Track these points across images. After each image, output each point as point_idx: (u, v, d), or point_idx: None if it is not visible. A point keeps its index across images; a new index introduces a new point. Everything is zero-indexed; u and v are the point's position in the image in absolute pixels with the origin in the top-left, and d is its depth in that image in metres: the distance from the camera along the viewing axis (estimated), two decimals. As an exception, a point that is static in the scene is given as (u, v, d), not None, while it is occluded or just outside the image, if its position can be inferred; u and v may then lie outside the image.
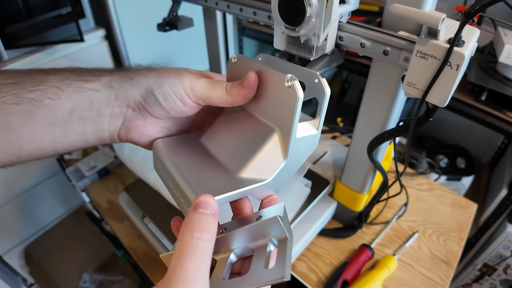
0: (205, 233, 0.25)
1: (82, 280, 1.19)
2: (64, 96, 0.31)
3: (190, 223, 0.26)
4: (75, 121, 0.32)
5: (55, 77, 0.32)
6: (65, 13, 0.94)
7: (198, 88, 0.34)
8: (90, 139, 0.34)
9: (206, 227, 0.26)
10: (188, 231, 0.25)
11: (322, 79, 0.33)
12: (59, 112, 0.31)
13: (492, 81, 1.15)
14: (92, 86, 0.32)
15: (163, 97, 0.34)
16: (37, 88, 0.30)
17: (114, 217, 0.84)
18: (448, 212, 0.79)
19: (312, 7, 0.37)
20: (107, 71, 0.34)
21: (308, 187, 0.67)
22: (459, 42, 0.34)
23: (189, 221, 0.26)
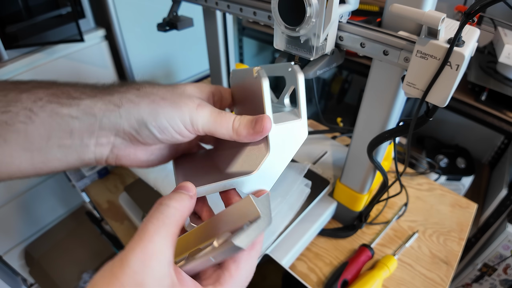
0: (173, 201, 0.27)
1: (82, 280, 1.19)
2: (39, 121, 0.28)
3: (166, 196, 0.27)
4: (54, 148, 0.29)
5: (28, 97, 0.28)
6: (65, 13, 0.94)
7: (200, 122, 0.31)
8: (75, 164, 0.31)
9: (176, 197, 0.27)
10: (159, 200, 0.27)
11: (294, 66, 0.33)
12: (35, 138, 0.28)
13: (492, 81, 1.15)
14: (70, 112, 0.28)
15: (159, 130, 0.30)
16: (8, 109, 0.27)
17: (114, 217, 0.84)
18: (448, 212, 0.79)
19: (312, 7, 0.37)
20: (87, 93, 0.30)
21: (308, 187, 0.67)
22: (459, 42, 0.34)
23: (165, 196, 0.27)
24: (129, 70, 1.25)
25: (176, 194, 0.28)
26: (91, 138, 0.30)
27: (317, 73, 0.45)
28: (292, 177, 0.68)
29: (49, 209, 1.32)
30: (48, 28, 0.94)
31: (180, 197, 0.28)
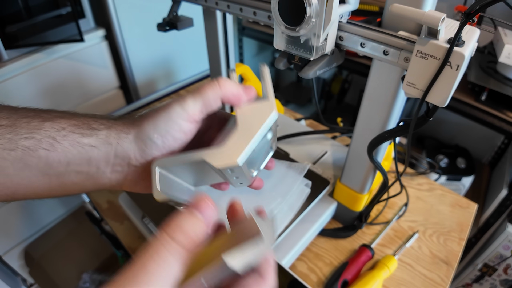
0: (184, 236, 0.24)
1: (82, 280, 1.19)
2: (61, 149, 0.30)
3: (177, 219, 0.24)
4: (72, 174, 0.31)
5: (51, 126, 0.30)
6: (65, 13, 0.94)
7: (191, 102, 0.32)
8: (90, 189, 0.33)
9: (189, 231, 0.24)
10: (167, 226, 0.24)
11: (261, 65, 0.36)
12: (55, 164, 0.30)
13: (492, 81, 1.15)
14: (90, 141, 0.31)
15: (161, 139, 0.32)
16: (32, 136, 0.29)
17: (114, 217, 0.84)
18: (448, 212, 0.79)
19: (312, 7, 0.37)
20: (105, 124, 0.33)
21: (308, 187, 0.67)
22: (459, 42, 0.34)
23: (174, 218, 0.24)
24: (129, 70, 1.25)
25: (188, 224, 0.25)
26: (107, 166, 0.32)
27: (317, 73, 0.45)
28: (292, 177, 0.68)
29: (49, 209, 1.32)
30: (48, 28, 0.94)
31: (193, 230, 0.24)
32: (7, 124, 0.28)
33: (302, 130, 0.88)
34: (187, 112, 0.32)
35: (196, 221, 0.25)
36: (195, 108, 0.32)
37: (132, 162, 0.32)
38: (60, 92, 1.10)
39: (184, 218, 0.24)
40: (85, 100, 1.20)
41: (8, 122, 0.29)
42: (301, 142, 0.85)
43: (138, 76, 1.30)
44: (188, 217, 0.25)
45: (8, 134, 0.28)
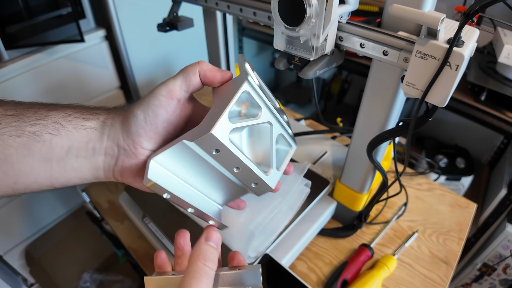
0: (212, 264, 0.31)
1: (83, 280, 1.19)
2: (64, 133, 0.32)
3: (203, 252, 0.31)
4: (71, 158, 0.33)
5: (58, 113, 0.32)
6: (66, 13, 0.94)
7: (172, 81, 0.35)
8: (87, 176, 0.35)
9: (214, 259, 0.32)
10: (202, 259, 0.31)
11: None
12: (57, 148, 0.31)
13: (492, 81, 1.15)
14: (92, 124, 0.33)
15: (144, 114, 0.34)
16: (38, 122, 0.31)
17: (115, 217, 0.84)
18: (447, 212, 0.79)
19: (312, 7, 0.38)
20: (105, 110, 0.35)
21: (308, 187, 0.67)
22: (459, 42, 0.34)
23: (202, 251, 0.32)
24: (129, 70, 1.25)
25: (212, 255, 0.32)
26: (101, 147, 0.34)
27: (317, 73, 0.45)
28: (292, 177, 0.68)
29: (49, 209, 1.32)
30: (48, 29, 0.94)
31: (215, 258, 0.32)
32: (14, 114, 0.30)
33: (302, 130, 0.88)
34: (167, 86, 0.34)
35: (214, 250, 0.32)
36: (175, 83, 0.35)
37: (120, 143, 0.34)
38: (60, 92, 1.10)
39: (208, 250, 0.32)
40: (85, 100, 1.20)
41: (15, 112, 0.30)
42: (301, 142, 0.85)
43: (139, 77, 1.30)
44: (210, 249, 0.32)
45: (15, 122, 0.30)
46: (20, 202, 1.18)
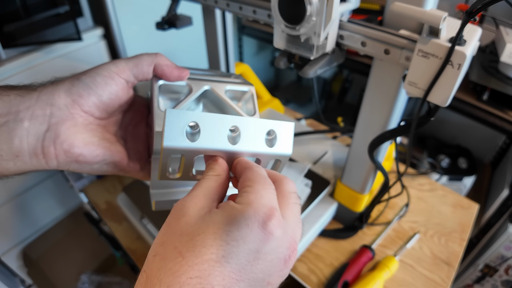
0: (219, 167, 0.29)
1: (81, 281, 1.19)
2: None
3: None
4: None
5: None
6: (63, 12, 0.94)
7: (123, 61, 0.34)
8: (3, 151, 0.29)
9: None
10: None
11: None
12: None
13: (494, 81, 1.15)
14: (18, 92, 0.30)
15: (91, 79, 0.32)
16: None
17: (113, 218, 0.84)
18: (449, 212, 0.79)
19: (313, 5, 0.37)
20: (46, 82, 0.33)
21: (308, 187, 0.67)
22: (461, 41, 0.34)
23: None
24: (128, 70, 1.24)
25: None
26: (27, 111, 0.29)
27: (318, 72, 0.44)
28: (292, 177, 0.67)
29: (47, 210, 1.32)
30: (46, 27, 0.93)
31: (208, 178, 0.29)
32: None
33: (303, 129, 0.88)
34: (117, 66, 0.33)
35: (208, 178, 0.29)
36: (125, 65, 0.34)
37: (55, 102, 0.31)
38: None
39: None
40: (84, 99, 1.19)
41: None
42: (301, 142, 0.85)
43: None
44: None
45: None
46: (17, 203, 1.18)
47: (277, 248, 0.24)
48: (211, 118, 0.29)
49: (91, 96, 0.32)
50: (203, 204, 0.25)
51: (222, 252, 0.22)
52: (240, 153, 0.30)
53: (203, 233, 0.22)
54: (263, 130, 0.30)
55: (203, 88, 0.37)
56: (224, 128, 0.29)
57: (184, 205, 0.25)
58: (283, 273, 0.25)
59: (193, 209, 0.24)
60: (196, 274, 0.21)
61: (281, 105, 1.04)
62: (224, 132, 0.29)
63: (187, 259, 0.21)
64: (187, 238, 0.22)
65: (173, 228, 0.24)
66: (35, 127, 0.30)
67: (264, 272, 0.23)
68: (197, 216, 0.24)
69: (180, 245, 0.22)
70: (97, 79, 0.32)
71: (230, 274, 0.22)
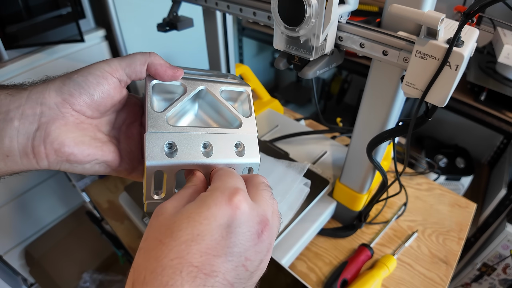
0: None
1: (82, 280, 1.19)
2: None
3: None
4: None
5: None
6: (65, 13, 0.94)
7: (116, 61, 0.33)
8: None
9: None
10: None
11: None
12: None
13: (492, 81, 1.15)
14: (8, 91, 0.29)
15: (83, 78, 0.31)
16: None
17: (114, 217, 0.84)
18: (447, 212, 0.79)
19: (312, 7, 0.38)
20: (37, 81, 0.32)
21: (308, 187, 0.67)
22: (458, 42, 0.34)
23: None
24: (129, 70, 1.25)
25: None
26: (17, 110, 0.29)
27: (317, 73, 0.45)
28: (292, 177, 0.68)
29: (49, 209, 1.32)
30: (48, 28, 0.94)
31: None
32: None
33: (302, 130, 0.88)
34: (110, 65, 0.33)
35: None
36: (118, 64, 0.33)
37: (45, 101, 0.30)
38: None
39: None
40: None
41: None
42: (301, 142, 0.85)
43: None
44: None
45: None
46: (20, 202, 1.18)
47: (246, 222, 0.26)
48: (185, 137, 0.33)
49: (82, 95, 0.31)
50: (178, 203, 0.28)
51: (197, 231, 0.24)
52: (214, 165, 0.33)
53: (178, 220, 0.25)
54: (232, 142, 0.34)
55: (198, 88, 0.37)
56: (197, 144, 0.33)
57: (161, 208, 0.27)
58: (260, 248, 0.26)
59: (170, 208, 0.27)
60: (175, 255, 0.23)
61: (280, 106, 1.05)
62: (198, 148, 0.33)
63: (167, 244, 0.23)
64: (165, 228, 0.25)
65: (154, 225, 0.26)
66: (25, 126, 0.29)
67: (238, 246, 0.25)
68: (174, 212, 0.26)
69: (160, 235, 0.24)
70: (89, 78, 0.31)
71: (207, 251, 0.23)
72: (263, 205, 0.29)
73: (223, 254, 0.24)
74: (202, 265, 0.23)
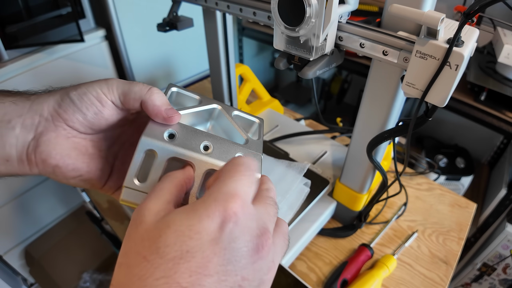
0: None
1: (82, 280, 1.20)
2: None
3: None
4: None
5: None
6: (65, 13, 0.94)
7: (116, 84, 0.33)
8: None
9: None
10: None
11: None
12: None
13: (492, 81, 1.16)
14: (12, 99, 0.30)
15: (78, 97, 0.31)
16: None
17: (114, 216, 0.84)
18: (447, 211, 0.79)
19: (312, 7, 0.38)
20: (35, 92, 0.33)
21: (308, 186, 0.67)
22: (459, 42, 0.34)
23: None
24: (129, 70, 1.25)
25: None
26: (19, 119, 0.30)
27: (317, 73, 0.45)
28: (292, 176, 0.68)
29: (49, 209, 1.32)
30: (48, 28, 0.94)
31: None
32: None
33: (302, 130, 0.88)
34: (108, 87, 0.32)
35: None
36: (115, 89, 0.32)
37: (44, 113, 0.31)
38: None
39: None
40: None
41: None
42: (301, 142, 0.85)
43: (138, 76, 1.30)
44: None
45: None
46: (20, 202, 1.18)
47: (243, 235, 0.23)
48: (188, 131, 0.32)
49: (75, 113, 0.31)
50: (158, 208, 0.25)
51: (186, 247, 0.21)
52: (210, 164, 0.31)
53: (164, 234, 0.22)
54: (234, 151, 0.33)
55: (213, 105, 0.38)
56: (198, 141, 0.32)
57: (139, 214, 0.24)
58: (259, 266, 0.23)
59: (149, 215, 0.24)
60: (161, 275, 0.20)
61: (280, 106, 1.05)
62: (198, 144, 0.32)
63: (152, 262, 0.21)
64: (149, 242, 0.22)
65: (133, 237, 0.23)
66: (23, 135, 0.30)
67: (233, 263, 0.22)
68: (155, 220, 0.23)
69: (143, 250, 0.22)
70: (84, 98, 0.31)
71: (197, 270, 0.21)
72: (264, 216, 0.25)
73: (215, 273, 0.21)
74: (191, 285, 0.20)
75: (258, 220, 0.24)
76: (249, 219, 0.23)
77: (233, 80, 0.85)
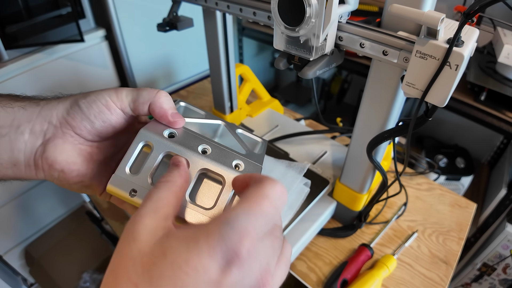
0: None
1: (82, 280, 1.20)
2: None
3: None
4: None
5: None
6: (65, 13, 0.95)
7: (125, 92, 0.33)
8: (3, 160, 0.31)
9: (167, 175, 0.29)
10: None
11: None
12: None
13: (492, 81, 1.16)
14: (21, 104, 0.31)
15: (87, 104, 0.32)
16: None
17: (114, 216, 0.84)
18: (447, 211, 0.79)
19: (312, 7, 0.38)
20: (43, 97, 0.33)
21: (308, 186, 0.67)
22: (459, 42, 0.34)
23: None
24: (129, 70, 1.25)
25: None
26: (28, 125, 0.31)
27: (317, 73, 0.45)
28: (292, 176, 0.68)
29: (49, 208, 1.32)
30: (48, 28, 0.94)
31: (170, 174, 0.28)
32: None
33: (302, 130, 0.88)
34: (117, 95, 0.33)
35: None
36: (125, 97, 0.33)
37: (52, 120, 0.31)
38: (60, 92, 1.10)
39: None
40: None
41: None
42: (301, 142, 0.85)
43: (138, 76, 1.30)
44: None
45: None
46: (20, 202, 1.18)
47: (243, 279, 0.21)
48: (188, 134, 0.33)
49: (83, 121, 0.32)
50: (156, 225, 0.23)
51: (181, 282, 0.20)
52: (204, 163, 0.31)
53: (160, 263, 0.20)
54: (232, 160, 0.33)
55: (217, 121, 0.39)
56: (196, 144, 0.32)
57: (133, 229, 0.22)
58: None
59: (145, 233, 0.22)
60: None
61: (280, 106, 1.05)
62: (196, 146, 0.32)
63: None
64: (142, 268, 0.20)
65: (125, 256, 0.22)
66: (32, 140, 0.31)
67: None
68: (151, 242, 0.22)
69: (135, 276, 0.20)
70: (93, 106, 0.32)
71: None
72: (269, 254, 0.23)
73: None
74: None
75: (261, 260, 0.22)
76: (253, 261, 0.21)
77: (233, 80, 0.85)
